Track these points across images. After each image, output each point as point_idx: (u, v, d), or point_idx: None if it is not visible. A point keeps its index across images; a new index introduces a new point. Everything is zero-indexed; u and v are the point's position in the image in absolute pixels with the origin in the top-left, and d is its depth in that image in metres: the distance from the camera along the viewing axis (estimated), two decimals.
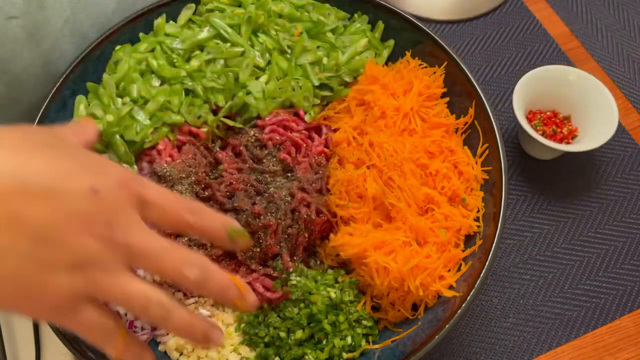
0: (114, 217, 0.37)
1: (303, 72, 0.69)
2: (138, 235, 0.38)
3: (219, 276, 0.41)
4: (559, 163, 0.79)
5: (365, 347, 0.59)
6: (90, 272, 0.37)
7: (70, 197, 0.36)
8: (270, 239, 0.60)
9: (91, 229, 0.36)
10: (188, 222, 0.42)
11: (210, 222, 0.43)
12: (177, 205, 0.41)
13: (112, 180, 0.38)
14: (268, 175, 0.64)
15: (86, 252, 0.36)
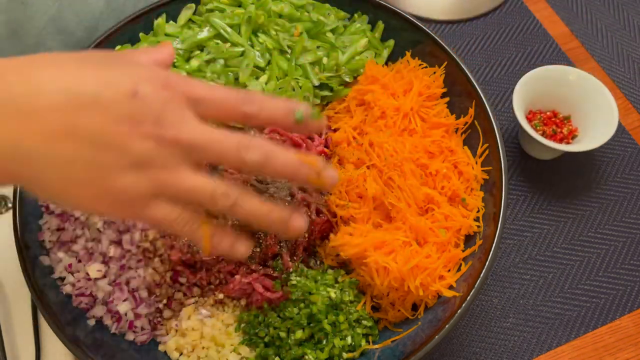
0: (161, 116, 0.39)
1: (303, 72, 0.69)
2: (188, 129, 0.39)
3: (283, 156, 0.41)
4: (559, 163, 0.79)
5: (365, 347, 0.59)
6: (151, 170, 0.39)
7: (114, 102, 0.38)
8: (270, 239, 0.60)
9: (140, 130, 0.38)
10: (247, 113, 0.42)
11: (271, 110, 0.42)
12: (230, 98, 0.42)
13: (154, 83, 0.39)
14: None
15: (142, 152, 0.38)
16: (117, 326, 0.59)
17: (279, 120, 0.43)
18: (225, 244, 0.44)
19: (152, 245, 0.61)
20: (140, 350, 0.60)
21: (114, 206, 0.40)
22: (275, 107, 0.43)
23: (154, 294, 0.61)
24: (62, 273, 0.60)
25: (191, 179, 0.40)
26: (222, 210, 0.42)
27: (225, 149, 0.40)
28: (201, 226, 0.43)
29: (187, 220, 0.42)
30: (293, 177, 0.43)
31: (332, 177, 0.43)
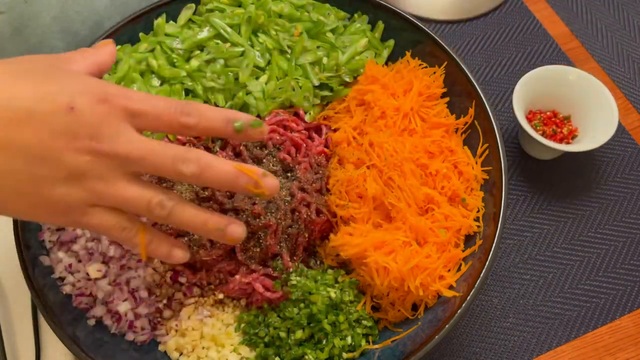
0: (97, 130, 0.39)
1: (303, 72, 0.69)
2: (124, 142, 0.40)
3: (219, 166, 0.42)
4: (559, 163, 0.79)
5: (365, 347, 0.59)
6: (87, 182, 0.40)
7: (50, 116, 0.39)
8: (270, 239, 0.60)
9: (76, 144, 0.39)
10: (186, 124, 0.42)
11: (210, 120, 0.43)
12: (168, 110, 0.42)
13: (91, 96, 0.40)
14: None
15: (77, 165, 0.39)
16: (117, 326, 0.59)
17: (218, 130, 0.43)
18: (162, 250, 0.45)
19: None
20: (140, 350, 0.60)
21: (51, 214, 0.42)
22: (213, 117, 0.43)
23: (154, 294, 0.61)
24: (62, 273, 0.60)
25: (127, 190, 0.41)
26: (159, 219, 0.43)
27: (161, 161, 0.41)
28: (138, 233, 0.44)
29: (124, 228, 0.43)
30: (231, 187, 0.43)
31: (272, 185, 0.44)
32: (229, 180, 0.42)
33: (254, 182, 0.43)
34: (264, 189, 0.43)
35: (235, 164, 0.42)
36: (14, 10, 0.52)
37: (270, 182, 0.44)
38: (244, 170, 0.43)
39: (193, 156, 0.41)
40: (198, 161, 0.41)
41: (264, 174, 0.43)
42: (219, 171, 0.42)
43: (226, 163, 0.42)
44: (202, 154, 0.42)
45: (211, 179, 0.42)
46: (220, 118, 0.43)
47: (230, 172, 0.42)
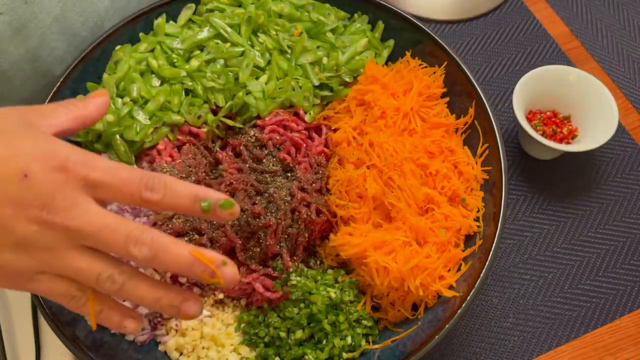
0: (49, 201, 0.38)
1: (303, 72, 0.69)
2: (78, 216, 0.39)
3: (175, 252, 0.40)
4: (559, 163, 0.79)
5: (365, 347, 0.59)
6: (35, 251, 0.39)
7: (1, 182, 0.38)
8: (270, 239, 0.60)
9: (26, 213, 0.38)
10: (148, 200, 0.40)
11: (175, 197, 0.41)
12: (131, 183, 0.40)
13: (48, 164, 0.39)
14: (268, 175, 0.64)
15: (25, 234, 0.38)
16: None
17: (184, 208, 0.41)
18: (113, 320, 0.43)
19: None
20: (140, 350, 0.60)
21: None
22: (179, 195, 0.41)
23: None
24: None
25: (76, 262, 0.39)
26: (109, 293, 0.41)
27: (113, 239, 0.39)
28: (87, 302, 0.42)
29: (73, 297, 0.41)
30: (185, 274, 0.41)
31: (230, 276, 0.41)
32: (182, 267, 0.40)
33: (210, 272, 0.40)
34: (219, 279, 0.41)
35: (193, 250, 0.40)
36: (14, 11, 0.52)
37: (228, 272, 0.41)
38: (201, 258, 0.40)
39: (147, 238, 0.39)
40: (152, 244, 0.39)
41: (223, 262, 0.41)
42: (174, 257, 0.40)
43: (183, 248, 0.40)
44: (159, 236, 0.40)
45: (164, 263, 0.40)
46: (187, 195, 0.41)
47: (185, 259, 0.40)
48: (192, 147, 0.66)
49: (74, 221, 0.39)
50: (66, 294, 0.41)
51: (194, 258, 0.40)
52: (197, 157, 0.65)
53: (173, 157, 0.65)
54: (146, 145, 0.66)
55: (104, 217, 0.39)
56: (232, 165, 0.65)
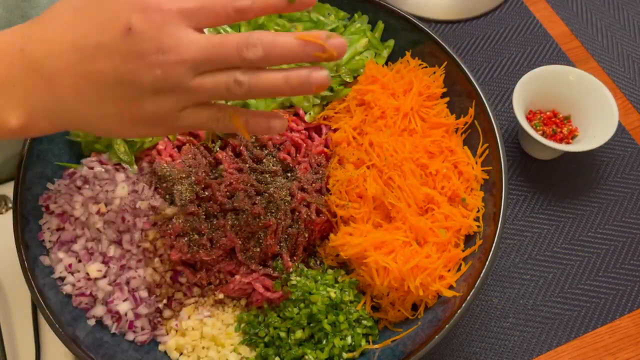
0: (159, 43, 0.41)
1: None
2: (187, 48, 0.41)
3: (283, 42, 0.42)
4: (559, 163, 0.79)
5: (365, 347, 0.59)
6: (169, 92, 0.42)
7: (114, 43, 0.41)
8: (270, 239, 0.60)
9: (145, 62, 0.41)
10: (240, 8, 0.42)
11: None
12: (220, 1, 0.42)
13: (143, 11, 0.41)
14: (268, 175, 0.64)
15: (153, 80, 0.42)
16: (117, 326, 0.59)
17: (273, 4, 0.43)
18: (261, 124, 0.46)
19: (152, 245, 0.61)
20: (140, 350, 0.60)
21: (150, 128, 0.45)
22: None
23: (154, 294, 0.61)
24: (62, 273, 0.60)
25: (205, 85, 0.43)
26: (243, 96, 0.44)
27: (227, 53, 0.42)
28: (232, 119, 0.46)
29: (218, 118, 0.46)
30: (301, 59, 0.43)
31: (340, 44, 0.42)
32: (296, 53, 0.42)
33: (321, 48, 0.42)
34: (331, 52, 0.42)
35: (297, 35, 0.42)
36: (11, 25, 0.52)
37: (336, 43, 0.42)
38: (308, 37, 0.42)
39: (255, 39, 0.42)
40: (261, 43, 0.42)
41: (328, 36, 0.42)
42: (284, 47, 0.42)
43: (288, 36, 0.42)
44: (263, 34, 0.42)
45: (279, 57, 0.42)
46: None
47: (295, 44, 0.42)
48: (192, 147, 0.66)
49: (187, 54, 0.41)
50: (211, 118, 0.45)
51: (302, 41, 0.42)
52: (197, 157, 0.65)
53: (173, 157, 0.65)
54: (146, 145, 0.66)
55: (209, 39, 0.42)
56: (232, 165, 0.65)
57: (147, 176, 0.64)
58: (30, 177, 0.62)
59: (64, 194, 0.62)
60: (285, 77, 0.43)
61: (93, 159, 0.65)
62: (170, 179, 0.63)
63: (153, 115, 0.44)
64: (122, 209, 0.62)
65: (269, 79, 0.43)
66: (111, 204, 0.62)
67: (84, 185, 0.63)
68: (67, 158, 0.66)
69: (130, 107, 0.43)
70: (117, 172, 0.64)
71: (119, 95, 0.43)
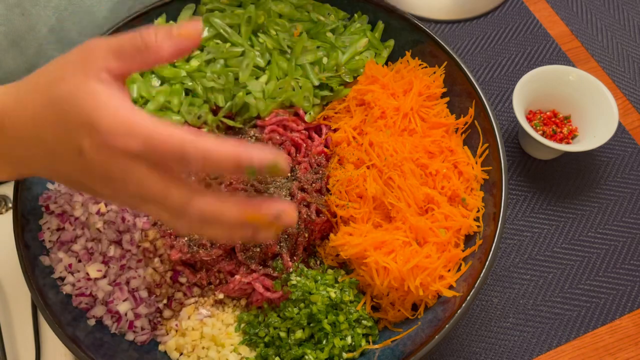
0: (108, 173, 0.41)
1: (303, 72, 0.69)
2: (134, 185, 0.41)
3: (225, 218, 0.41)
4: (559, 163, 0.79)
5: (365, 347, 0.59)
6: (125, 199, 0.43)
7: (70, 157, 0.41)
8: None
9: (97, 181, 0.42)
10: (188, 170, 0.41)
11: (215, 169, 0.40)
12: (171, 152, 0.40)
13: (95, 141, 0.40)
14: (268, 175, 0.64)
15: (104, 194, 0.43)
16: (117, 326, 0.59)
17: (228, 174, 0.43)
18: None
19: (152, 245, 0.61)
20: (140, 350, 0.60)
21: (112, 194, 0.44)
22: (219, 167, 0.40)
23: (154, 294, 0.61)
24: (62, 273, 0.60)
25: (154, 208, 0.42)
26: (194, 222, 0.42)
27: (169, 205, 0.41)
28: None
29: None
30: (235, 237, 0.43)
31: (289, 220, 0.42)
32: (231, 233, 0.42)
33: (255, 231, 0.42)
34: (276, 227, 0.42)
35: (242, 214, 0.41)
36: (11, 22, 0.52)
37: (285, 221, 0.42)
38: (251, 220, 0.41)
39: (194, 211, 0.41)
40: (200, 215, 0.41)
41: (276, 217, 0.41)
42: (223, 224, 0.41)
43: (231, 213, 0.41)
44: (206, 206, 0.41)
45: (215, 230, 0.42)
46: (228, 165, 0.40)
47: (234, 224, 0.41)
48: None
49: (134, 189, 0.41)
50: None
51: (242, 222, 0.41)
52: None
53: None
54: None
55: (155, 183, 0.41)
56: None
57: None
58: (30, 177, 0.62)
59: (64, 194, 0.62)
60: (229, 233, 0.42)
61: None
62: None
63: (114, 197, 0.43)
64: (122, 209, 0.62)
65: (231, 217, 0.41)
66: (111, 204, 0.62)
67: None
68: None
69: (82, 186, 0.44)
70: None
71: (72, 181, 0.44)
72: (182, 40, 0.43)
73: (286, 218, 0.41)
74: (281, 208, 0.41)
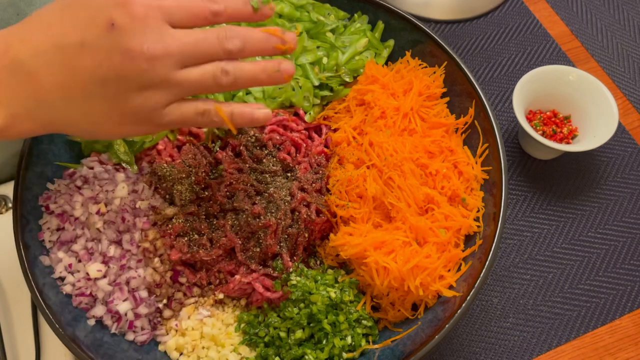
0: (143, 37, 0.42)
1: (303, 72, 0.69)
2: (171, 41, 0.43)
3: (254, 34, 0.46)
4: (559, 163, 0.79)
5: (365, 347, 0.59)
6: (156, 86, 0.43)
7: (99, 40, 0.42)
8: (270, 239, 0.60)
9: (131, 55, 0.42)
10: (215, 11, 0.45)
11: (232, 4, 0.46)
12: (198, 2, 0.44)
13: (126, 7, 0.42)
14: (268, 175, 0.64)
15: (139, 74, 0.42)
16: (117, 326, 0.59)
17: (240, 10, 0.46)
18: (246, 114, 0.48)
19: (152, 245, 0.62)
20: (140, 350, 0.60)
21: (136, 125, 0.46)
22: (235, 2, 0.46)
23: (154, 294, 0.61)
24: (62, 273, 0.60)
25: (191, 77, 0.44)
26: (228, 87, 0.46)
27: (208, 46, 0.44)
28: (217, 112, 0.47)
29: (204, 111, 0.47)
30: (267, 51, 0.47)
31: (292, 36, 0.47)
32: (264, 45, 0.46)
33: (280, 40, 0.47)
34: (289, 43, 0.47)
35: (262, 29, 0.46)
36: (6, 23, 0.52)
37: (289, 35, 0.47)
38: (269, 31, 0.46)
39: (234, 32, 0.45)
40: (238, 35, 0.45)
41: (282, 31, 0.47)
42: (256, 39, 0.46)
43: (256, 30, 0.46)
44: (238, 28, 0.45)
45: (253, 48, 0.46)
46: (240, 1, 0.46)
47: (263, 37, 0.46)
48: (192, 147, 0.66)
49: (172, 46, 0.43)
50: (197, 112, 0.46)
51: (267, 34, 0.46)
52: (197, 157, 0.65)
53: (173, 157, 0.65)
54: (146, 145, 0.66)
55: (191, 33, 0.44)
56: (232, 165, 0.65)
57: (147, 176, 0.64)
58: (30, 177, 0.62)
59: (63, 194, 0.62)
60: (262, 67, 0.47)
61: (93, 159, 0.65)
62: (170, 179, 0.63)
63: (139, 111, 0.44)
64: (122, 209, 0.62)
65: (250, 69, 0.46)
66: (111, 204, 0.62)
67: (83, 185, 0.63)
68: (67, 158, 0.66)
69: (115, 103, 0.44)
70: (117, 172, 0.64)
71: (104, 92, 0.43)
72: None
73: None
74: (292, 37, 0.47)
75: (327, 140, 0.68)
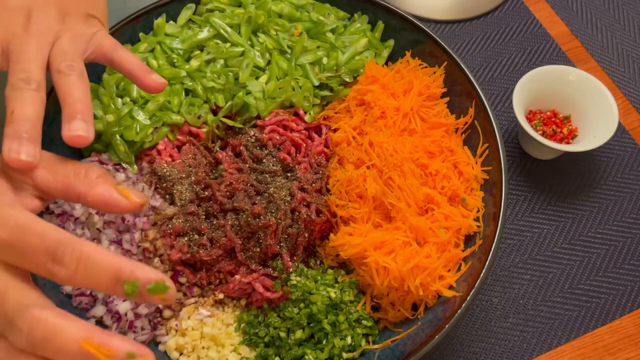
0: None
1: (303, 72, 0.69)
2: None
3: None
4: (559, 163, 0.79)
5: (365, 347, 0.59)
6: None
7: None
8: (270, 239, 0.60)
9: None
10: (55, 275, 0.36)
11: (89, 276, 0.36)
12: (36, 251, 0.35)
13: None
14: (268, 175, 0.64)
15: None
16: (117, 326, 0.59)
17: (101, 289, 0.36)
18: None
19: (152, 245, 0.61)
20: None
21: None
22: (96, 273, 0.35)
23: None
24: None
25: None
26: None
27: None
28: None
29: None
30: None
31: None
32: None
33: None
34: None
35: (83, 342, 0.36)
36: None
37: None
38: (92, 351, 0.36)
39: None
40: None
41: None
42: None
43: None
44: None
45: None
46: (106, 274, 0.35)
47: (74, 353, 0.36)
48: (192, 147, 0.66)
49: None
50: None
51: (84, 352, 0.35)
52: (197, 157, 0.65)
53: (173, 157, 0.65)
54: (146, 145, 0.66)
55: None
56: (232, 165, 0.65)
57: (147, 176, 0.64)
58: None
59: None
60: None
61: (93, 159, 0.65)
62: (170, 179, 0.63)
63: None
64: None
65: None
66: None
67: None
68: None
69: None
70: (117, 172, 0.64)
71: None
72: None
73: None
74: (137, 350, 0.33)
75: (327, 140, 0.68)
